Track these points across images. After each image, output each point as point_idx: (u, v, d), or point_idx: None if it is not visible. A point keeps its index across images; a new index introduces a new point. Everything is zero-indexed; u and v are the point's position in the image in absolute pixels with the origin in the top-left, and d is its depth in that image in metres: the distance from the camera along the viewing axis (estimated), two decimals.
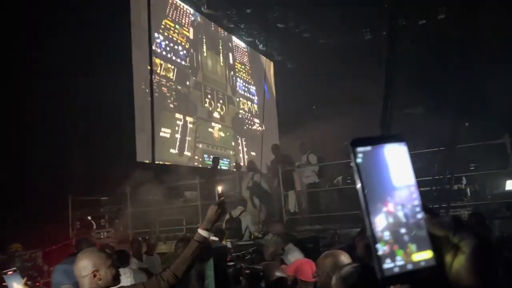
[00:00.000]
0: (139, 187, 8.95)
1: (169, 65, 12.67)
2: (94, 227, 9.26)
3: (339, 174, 10.12)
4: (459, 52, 9.42)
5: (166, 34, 12.80)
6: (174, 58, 12.98)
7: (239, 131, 15.75)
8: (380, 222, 0.55)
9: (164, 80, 12.35)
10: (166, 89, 12.35)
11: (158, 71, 12.05)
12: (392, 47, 7.00)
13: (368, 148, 0.57)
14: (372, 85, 7.57)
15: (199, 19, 14.60)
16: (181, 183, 9.97)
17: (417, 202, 0.58)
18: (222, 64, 15.72)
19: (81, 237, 7.01)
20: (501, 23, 11.84)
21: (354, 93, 12.42)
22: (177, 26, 13.38)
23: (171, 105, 12.43)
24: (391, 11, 6.95)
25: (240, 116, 16.14)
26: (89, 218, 9.30)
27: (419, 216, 0.57)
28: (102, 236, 9.01)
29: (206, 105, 14.13)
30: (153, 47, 11.79)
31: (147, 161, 10.71)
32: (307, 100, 16.42)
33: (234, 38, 16.59)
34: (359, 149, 0.57)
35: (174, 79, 12.77)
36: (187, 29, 13.92)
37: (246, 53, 17.54)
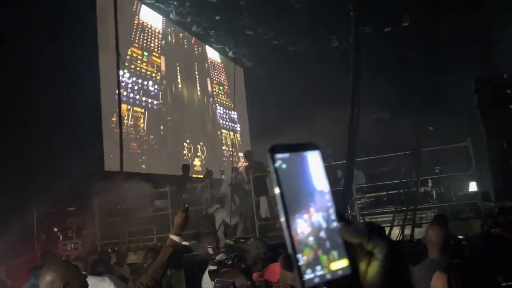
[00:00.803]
0: (108, 196, 8.76)
1: (139, 110, 11.75)
2: (61, 238, 8.98)
3: None
4: (422, 58, 9.76)
5: (133, 67, 11.83)
6: (144, 98, 12.01)
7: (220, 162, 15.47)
8: (303, 228, 0.56)
9: (134, 133, 11.51)
10: (136, 145, 11.53)
11: (126, 121, 11.09)
12: (357, 53, 7.16)
13: (287, 155, 0.58)
14: (341, 91, 7.72)
15: (169, 38, 14.24)
16: (152, 192, 9.82)
17: (332, 209, 0.59)
18: (199, 94, 15.40)
19: (45, 249, 6.78)
20: (462, 31, 12.35)
21: (324, 99, 12.61)
22: (145, 54, 12.67)
23: (143, 165, 11.74)
24: (355, 18, 7.12)
25: (223, 158, 15.71)
26: (56, 229, 9.02)
27: (335, 223, 0.58)
28: (69, 248, 8.75)
29: (185, 157, 13.55)
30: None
31: (116, 170, 10.49)
32: (279, 106, 16.54)
33: (209, 55, 16.45)
34: (278, 155, 0.58)
35: (145, 127, 11.89)
36: (157, 56, 13.37)
37: (223, 69, 17.43)
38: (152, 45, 13.37)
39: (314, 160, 0.61)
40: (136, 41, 12.54)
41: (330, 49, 15.05)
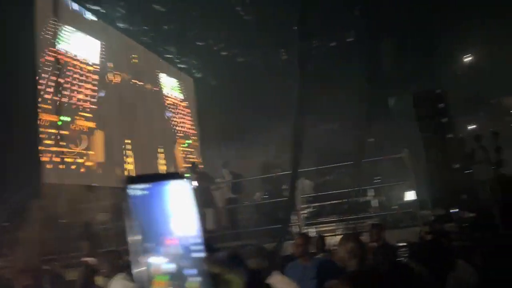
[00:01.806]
0: (46, 210, 8.31)
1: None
2: None
3: (258, 190, 10.29)
4: (364, 73, 10.18)
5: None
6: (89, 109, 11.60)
7: None
8: (160, 257, 0.55)
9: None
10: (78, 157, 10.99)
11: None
12: (303, 66, 7.34)
13: (146, 185, 0.58)
14: (290, 103, 7.84)
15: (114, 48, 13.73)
16: (94, 205, 9.45)
17: (198, 239, 0.59)
18: (149, 103, 15.12)
19: None
20: (404, 48, 13.02)
21: (274, 110, 12.78)
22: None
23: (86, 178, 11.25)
24: (300, 32, 7.31)
25: None
26: None
27: (197, 253, 0.58)
28: None
29: None
30: None
31: (55, 183, 10.00)
32: (230, 116, 16.54)
33: (158, 64, 16.13)
34: (136, 186, 0.57)
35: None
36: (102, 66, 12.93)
37: (173, 79, 17.12)
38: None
39: (179, 190, 0.60)
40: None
41: (280, 61, 15.33)
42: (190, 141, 17.13)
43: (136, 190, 0.56)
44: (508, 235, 5.89)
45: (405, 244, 6.20)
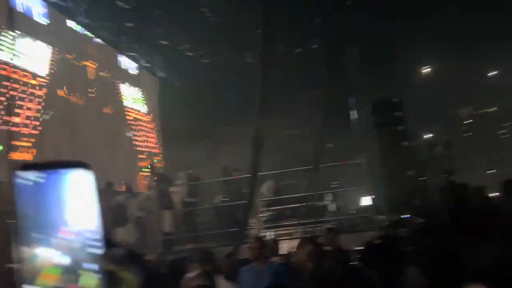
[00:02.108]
0: None
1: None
2: None
3: (218, 193, 10.22)
4: (327, 79, 10.35)
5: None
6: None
7: None
8: (49, 250, 0.52)
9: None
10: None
11: None
12: (265, 70, 7.36)
13: (41, 173, 0.54)
14: (253, 106, 7.84)
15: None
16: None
17: (96, 233, 0.56)
18: (111, 103, 14.47)
19: None
20: (363, 59, 13.35)
21: (237, 113, 12.75)
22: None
23: None
24: (264, 37, 7.34)
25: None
26: None
27: (96, 248, 0.55)
28: None
29: None
30: None
31: None
32: (193, 117, 16.35)
33: (121, 63, 15.67)
34: (29, 173, 0.53)
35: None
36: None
37: (136, 77, 16.68)
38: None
39: (80, 180, 0.57)
40: None
41: (245, 64, 15.34)
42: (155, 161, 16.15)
43: (29, 178, 0.52)
44: (458, 241, 6.13)
45: (360, 248, 6.31)
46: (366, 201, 8.67)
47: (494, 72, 18.25)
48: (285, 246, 7.08)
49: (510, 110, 16.87)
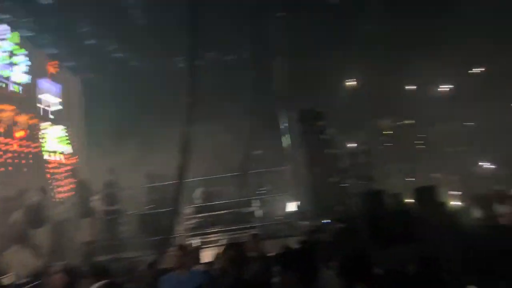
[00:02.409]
0: None
1: None
2: None
3: (143, 199, 9.89)
4: (256, 87, 10.53)
5: None
6: None
7: None
8: None
9: None
10: None
11: None
12: (193, 76, 7.31)
13: None
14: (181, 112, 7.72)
15: None
16: None
17: None
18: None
19: None
20: (291, 69, 13.74)
21: (165, 118, 12.49)
22: None
23: None
24: (192, 43, 7.28)
25: None
26: None
27: None
28: None
29: None
30: None
31: None
32: (118, 122, 15.74)
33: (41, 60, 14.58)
34: None
35: None
36: None
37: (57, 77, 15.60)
38: None
39: None
40: None
41: (175, 69, 15.11)
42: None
43: None
44: (373, 245, 6.49)
45: (283, 253, 6.43)
46: (291, 207, 8.88)
47: (413, 87, 19.71)
48: (211, 253, 7.04)
49: (425, 122, 18.28)
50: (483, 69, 18.39)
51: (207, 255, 6.57)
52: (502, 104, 18.00)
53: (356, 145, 15.29)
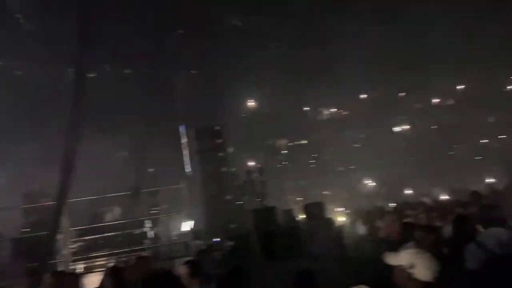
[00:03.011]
0: None
1: None
2: None
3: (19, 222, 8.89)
4: (154, 104, 10.27)
5: None
6: None
7: None
8: None
9: None
10: None
11: None
12: (78, 91, 6.86)
13: None
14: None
15: None
16: None
17: None
18: None
19: None
20: (192, 87, 13.74)
21: (50, 133, 11.54)
22: None
23: None
24: (78, 56, 6.86)
25: None
26: None
27: None
28: None
29: None
30: None
31: None
32: None
33: None
34: None
35: None
36: None
37: None
38: None
39: None
40: None
41: (66, 80, 14.13)
42: None
43: None
44: (262, 261, 6.61)
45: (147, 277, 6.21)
46: (186, 226, 8.69)
47: (307, 108, 20.98)
48: (97, 279, 6.53)
49: (317, 143, 19.52)
50: (366, 96, 20.33)
51: (92, 281, 6.09)
52: (385, 129, 20.03)
53: (255, 163, 15.70)
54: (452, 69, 16.93)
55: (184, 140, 9.91)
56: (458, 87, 19.91)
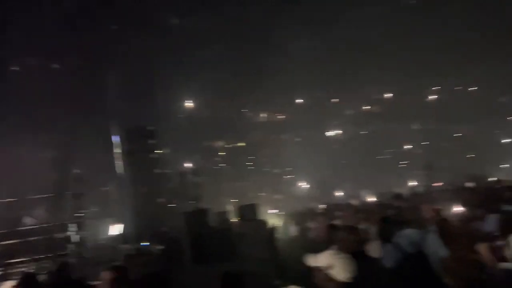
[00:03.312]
0: None
1: None
2: None
3: None
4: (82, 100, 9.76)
5: None
6: None
7: None
8: None
9: None
10: None
11: None
12: None
13: None
14: None
15: None
16: None
17: None
18: None
19: None
20: (124, 86, 13.23)
21: None
22: None
23: None
24: None
25: None
26: None
27: None
28: None
29: None
30: None
31: None
32: None
33: None
34: None
35: None
36: None
37: None
38: None
39: None
40: None
41: None
42: None
43: None
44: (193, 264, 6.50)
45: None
46: (114, 230, 8.35)
47: (245, 110, 21.05)
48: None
49: (254, 146, 19.63)
50: (302, 100, 20.85)
51: None
52: (319, 132, 20.64)
53: (192, 165, 15.46)
54: (381, 78, 17.88)
55: (115, 140, 9.50)
56: (385, 96, 21.01)
